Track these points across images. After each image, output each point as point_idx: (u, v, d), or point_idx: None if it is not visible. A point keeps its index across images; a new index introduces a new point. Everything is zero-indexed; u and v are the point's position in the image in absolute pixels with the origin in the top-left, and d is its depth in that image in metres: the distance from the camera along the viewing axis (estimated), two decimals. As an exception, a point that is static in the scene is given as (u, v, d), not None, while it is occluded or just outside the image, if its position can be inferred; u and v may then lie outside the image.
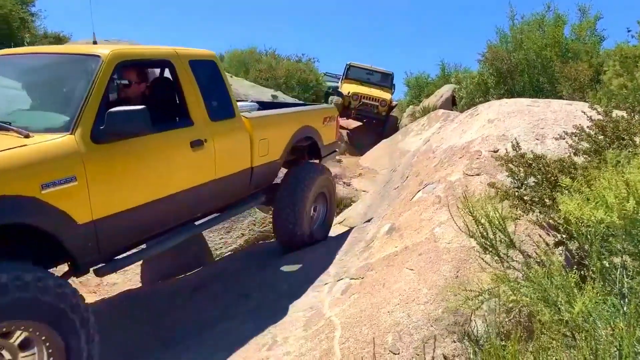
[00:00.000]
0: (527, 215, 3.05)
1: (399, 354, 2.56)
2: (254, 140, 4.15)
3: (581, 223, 1.82)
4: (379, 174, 9.27)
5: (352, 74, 14.57)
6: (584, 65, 8.56)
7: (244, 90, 12.35)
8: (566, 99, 8.10)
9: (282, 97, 13.16)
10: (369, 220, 5.19)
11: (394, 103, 14.51)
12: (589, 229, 1.76)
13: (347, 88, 13.90)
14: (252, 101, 6.23)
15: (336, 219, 6.50)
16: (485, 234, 2.15)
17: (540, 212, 3.05)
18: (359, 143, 13.38)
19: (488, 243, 2.13)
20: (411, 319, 2.71)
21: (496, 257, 2.16)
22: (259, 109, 5.21)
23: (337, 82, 15.58)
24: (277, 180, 4.94)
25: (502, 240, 2.18)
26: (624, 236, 1.68)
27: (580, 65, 8.58)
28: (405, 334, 2.64)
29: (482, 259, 2.31)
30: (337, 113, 5.74)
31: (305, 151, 5.34)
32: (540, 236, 3.15)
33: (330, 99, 14.73)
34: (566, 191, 2.68)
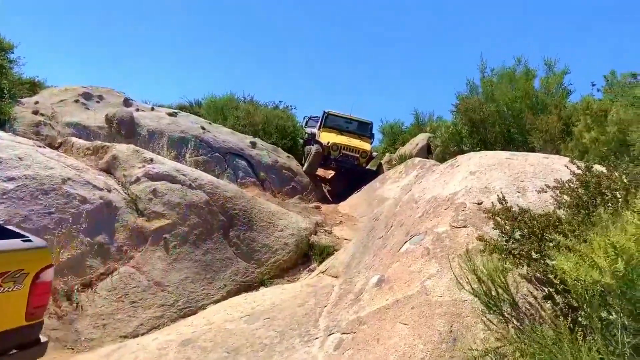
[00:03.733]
0: (516, 268, 3.12)
1: (397, 412, 2.53)
2: None
3: (577, 282, 1.88)
4: (358, 221, 9.31)
5: (330, 122, 14.26)
6: (553, 117, 8.94)
7: (222, 136, 12.42)
8: (538, 151, 8.42)
9: (261, 144, 13.25)
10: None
11: (374, 154, 14.21)
12: (586, 289, 1.82)
13: (326, 137, 13.51)
14: None
15: (319, 268, 6.48)
16: (488, 292, 2.19)
17: (528, 265, 3.13)
18: (337, 191, 13.37)
19: (492, 302, 2.17)
20: (408, 376, 2.69)
21: (500, 317, 2.19)
22: None
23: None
24: None
25: (505, 299, 2.22)
26: (619, 296, 1.74)
27: (550, 118, 8.96)
28: (403, 391, 2.62)
29: (486, 317, 2.34)
30: (47, 262, 2.93)
31: None
32: (528, 290, 3.22)
33: (307, 148, 14.46)
34: (554, 247, 2.76)
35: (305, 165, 13.42)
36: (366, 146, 13.67)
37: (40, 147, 6.78)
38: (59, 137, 9.43)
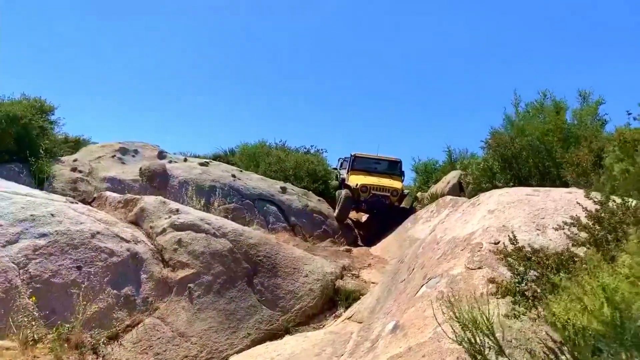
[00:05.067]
0: (529, 312, 2.98)
1: None
2: None
3: (570, 327, 1.78)
4: (388, 263, 9.13)
5: (358, 164, 14.15)
6: (584, 150, 8.64)
7: (253, 183, 12.62)
8: (572, 185, 8.13)
9: (291, 189, 13.35)
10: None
11: (406, 192, 13.73)
12: (578, 335, 1.71)
13: (355, 180, 13.36)
14: None
15: (344, 314, 6.35)
16: (473, 340, 2.09)
17: (542, 308, 2.99)
18: (372, 233, 13.16)
19: (475, 350, 2.06)
20: None
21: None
22: None
23: None
24: None
25: (492, 347, 2.12)
26: (611, 341, 1.63)
27: (581, 151, 8.67)
28: None
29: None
30: None
31: None
32: (547, 333, 3.05)
33: (337, 192, 14.38)
34: (555, 289, 2.63)
35: (337, 211, 13.28)
36: (397, 184, 13.45)
37: (72, 202, 7.06)
38: (95, 192, 9.81)
